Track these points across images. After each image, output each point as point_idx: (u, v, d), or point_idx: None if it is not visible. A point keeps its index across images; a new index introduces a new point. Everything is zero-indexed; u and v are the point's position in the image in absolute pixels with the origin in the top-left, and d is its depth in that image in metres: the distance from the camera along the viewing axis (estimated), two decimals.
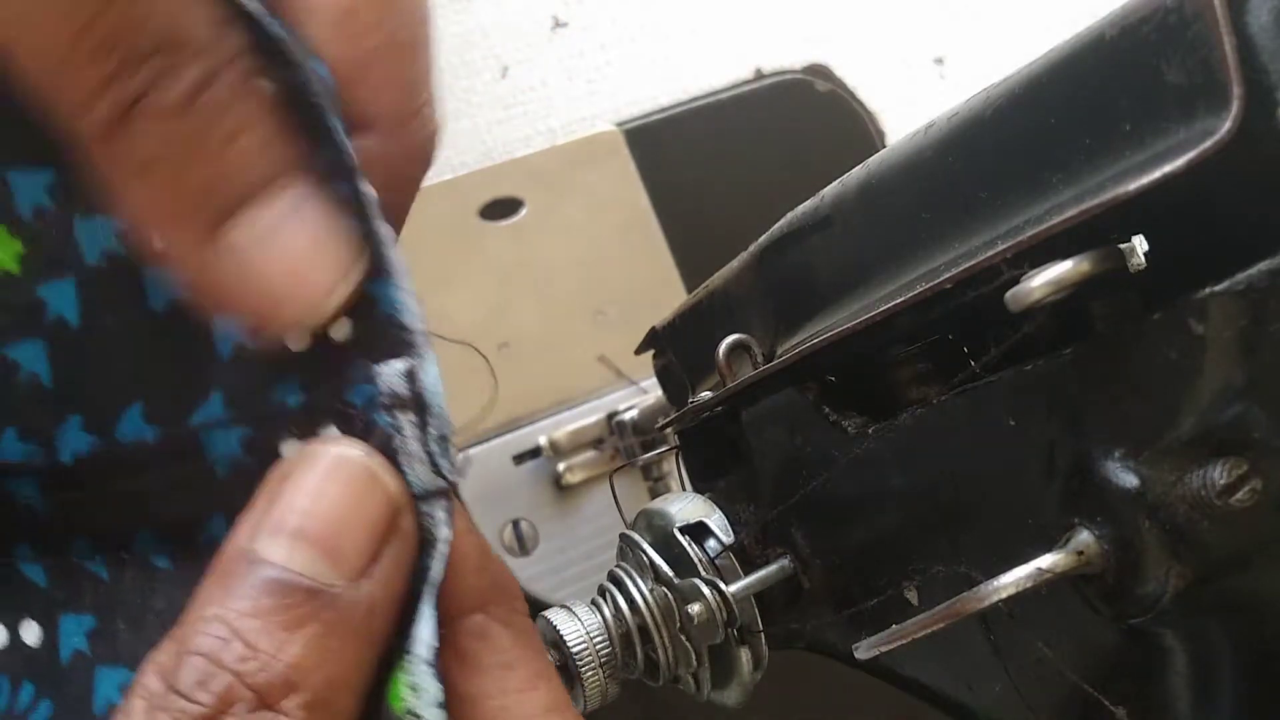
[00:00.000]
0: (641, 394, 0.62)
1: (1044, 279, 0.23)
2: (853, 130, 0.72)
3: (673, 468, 0.51)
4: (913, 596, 0.30)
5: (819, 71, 0.72)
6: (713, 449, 0.38)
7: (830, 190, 0.33)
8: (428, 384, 0.25)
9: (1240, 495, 0.22)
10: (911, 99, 0.73)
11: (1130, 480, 0.24)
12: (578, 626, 0.34)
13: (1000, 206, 0.26)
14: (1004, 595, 0.24)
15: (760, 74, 0.72)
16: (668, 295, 0.65)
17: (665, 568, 0.34)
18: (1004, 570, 0.24)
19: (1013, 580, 0.24)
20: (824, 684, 0.54)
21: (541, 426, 0.62)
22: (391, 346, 0.25)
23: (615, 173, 0.66)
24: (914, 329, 0.29)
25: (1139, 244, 0.23)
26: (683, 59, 0.71)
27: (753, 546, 0.35)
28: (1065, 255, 0.23)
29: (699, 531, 0.36)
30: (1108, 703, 0.26)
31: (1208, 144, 0.21)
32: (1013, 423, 0.26)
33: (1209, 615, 0.24)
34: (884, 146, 0.39)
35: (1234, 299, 0.22)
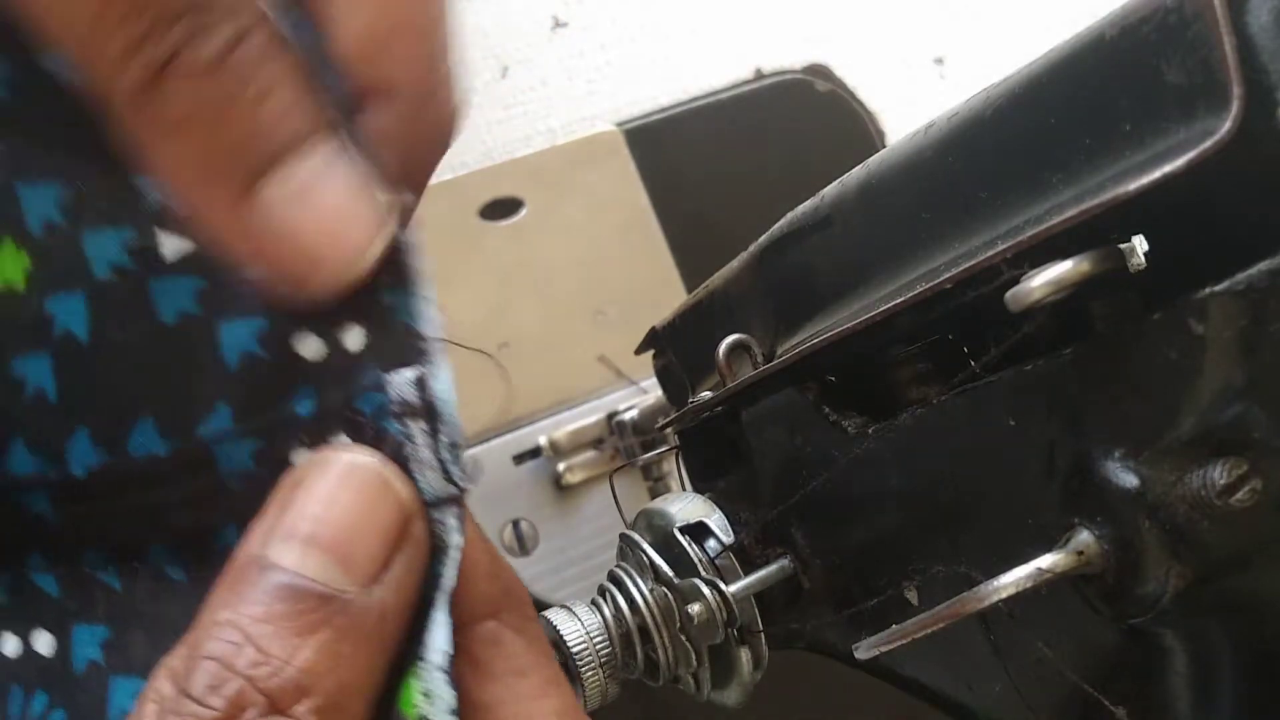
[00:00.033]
0: (641, 394, 0.62)
1: (1044, 279, 0.23)
2: (853, 130, 0.72)
3: (673, 468, 0.51)
4: (913, 596, 0.30)
5: (819, 71, 0.72)
6: (713, 449, 0.38)
7: (830, 190, 0.33)
8: (439, 391, 0.24)
9: (1240, 495, 0.22)
10: (911, 99, 0.73)
11: (1130, 480, 0.24)
12: (578, 626, 0.34)
13: (1000, 206, 0.26)
14: (1004, 595, 0.24)
15: (760, 74, 0.72)
16: (668, 295, 0.65)
17: (665, 568, 0.34)
18: (1004, 570, 0.24)
19: (1013, 580, 0.24)
20: (824, 684, 0.54)
21: (541, 426, 0.62)
22: (404, 354, 0.25)
23: (615, 173, 0.66)
24: (914, 329, 0.29)
25: (1139, 244, 0.23)
26: (683, 59, 0.71)
27: (753, 546, 0.35)
28: (1065, 255, 0.23)
29: (699, 531, 0.36)
30: (1108, 703, 0.26)
31: (1208, 144, 0.21)
32: (1013, 423, 0.26)
33: (1209, 615, 0.24)
34: (884, 146, 0.39)
35: (1234, 299, 0.22)
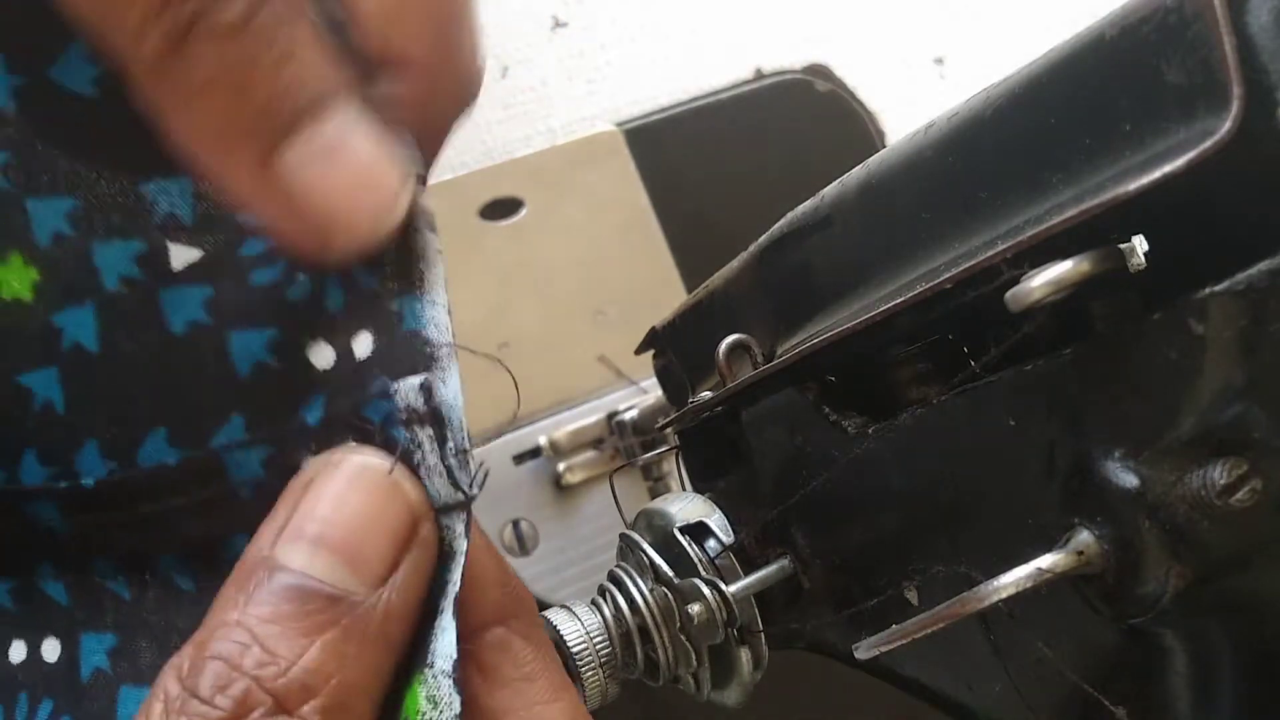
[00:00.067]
0: (641, 394, 0.62)
1: (1044, 279, 0.23)
2: (853, 130, 0.72)
3: (673, 468, 0.51)
4: (913, 596, 0.30)
5: (819, 71, 0.72)
6: (713, 449, 0.38)
7: (830, 190, 0.33)
8: (445, 398, 0.24)
9: (1240, 495, 0.22)
10: (911, 99, 0.73)
11: (1130, 480, 0.24)
12: (578, 626, 0.34)
13: (1000, 206, 0.26)
14: (1004, 595, 0.24)
15: (760, 74, 0.72)
16: (668, 295, 0.65)
17: (665, 568, 0.34)
18: (1004, 570, 0.24)
19: (1013, 580, 0.24)
20: (824, 684, 0.54)
21: (541, 426, 0.62)
22: (412, 361, 0.25)
23: (615, 173, 0.66)
24: (914, 329, 0.29)
25: (1139, 244, 0.23)
26: (683, 59, 0.71)
27: (753, 546, 0.35)
28: (1065, 255, 0.23)
29: (699, 531, 0.36)
30: (1108, 703, 0.26)
31: (1208, 144, 0.21)
32: (1013, 423, 0.26)
33: (1209, 615, 0.24)
34: (884, 146, 0.39)
35: (1234, 299, 0.22)
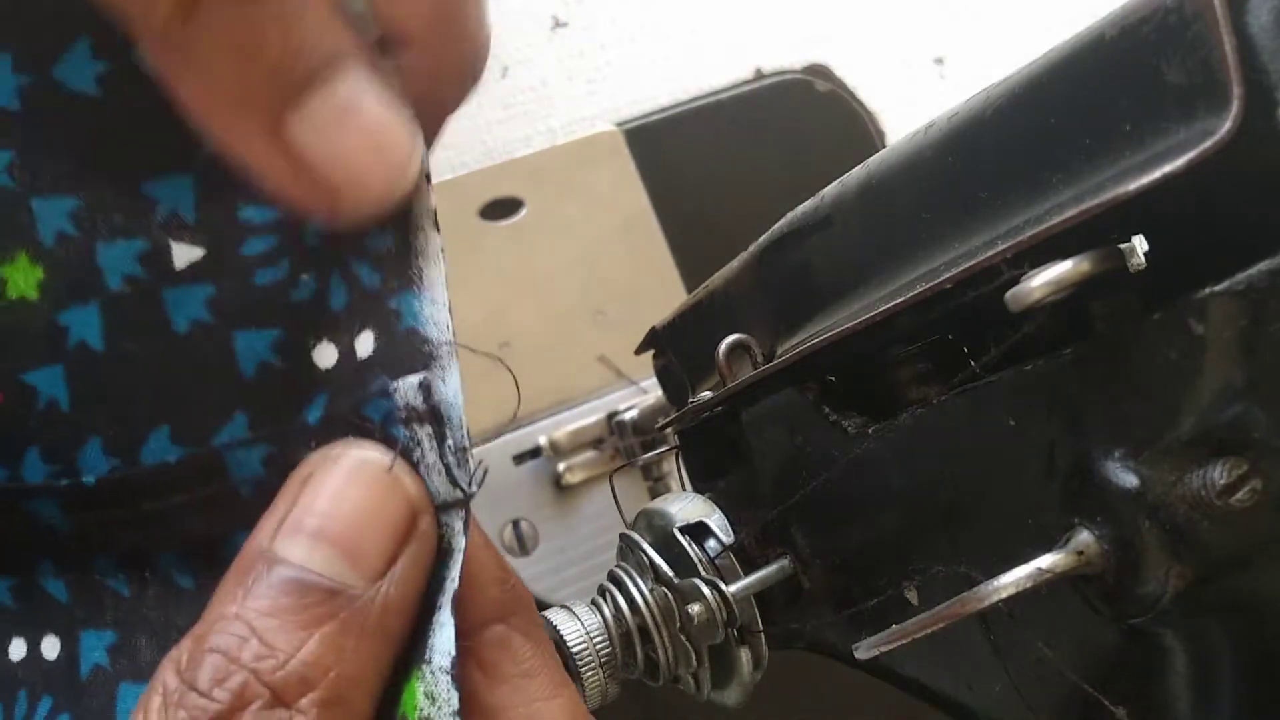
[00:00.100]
0: (641, 394, 0.62)
1: (1044, 279, 0.23)
2: (853, 130, 0.72)
3: (673, 468, 0.51)
4: (913, 596, 0.30)
5: (819, 71, 0.72)
6: (713, 449, 0.38)
7: (830, 190, 0.33)
8: (445, 396, 0.25)
9: (1240, 495, 0.22)
10: (911, 99, 0.73)
11: (1130, 480, 0.24)
12: (578, 626, 0.34)
13: (1000, 206, 0.26)
14: (1004, 595, 0.24)
15: (760, 74, 0.72)
16: (668, 295, 0.65)
17: (665, 568, 0.34)
18: (1004, 570, 0.24)
19: (1013, 580, 0.24)
20: (824, 684, 0.54)
21: (541, 426, 0.62)
22: (411, 359, 0.25)
23: (615, 173, 0.66)
24: (914, 329, 0.29)
25: (1139, 244, 0.23)
26: (683, 59, 0.71)
27: (753, 546, 0.35)
28: (1065, 255, 0.23)
29: (699, 531, 0.36)
30: (1108, 703, 0.26)
31: (1208, 144, 0.21)
32: (1013, 423, 0.26)
33: (1209, 615, 0.24)
34: (884, 146, 0.39)
35: (1234, 299, 0.22)
